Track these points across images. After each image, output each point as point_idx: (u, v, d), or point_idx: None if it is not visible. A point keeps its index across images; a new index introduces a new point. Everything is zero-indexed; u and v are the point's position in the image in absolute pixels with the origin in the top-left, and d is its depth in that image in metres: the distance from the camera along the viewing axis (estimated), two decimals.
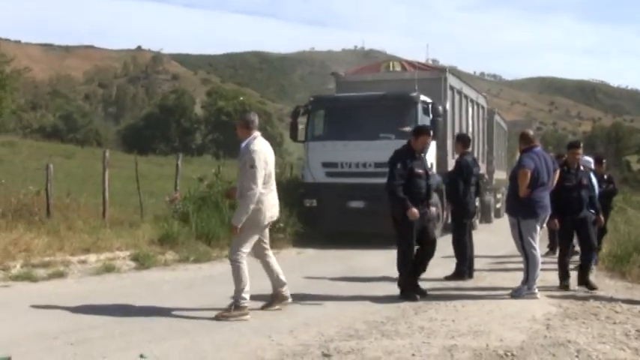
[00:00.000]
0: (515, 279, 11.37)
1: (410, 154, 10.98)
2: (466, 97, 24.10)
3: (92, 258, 13.15)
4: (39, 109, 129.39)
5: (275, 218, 9.56)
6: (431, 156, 18.07)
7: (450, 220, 14.01)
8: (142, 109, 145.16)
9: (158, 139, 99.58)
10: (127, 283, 11.75)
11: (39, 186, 16.38)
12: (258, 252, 9.57)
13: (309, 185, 19.22)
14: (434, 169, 18.39)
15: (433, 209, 11.69)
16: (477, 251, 13.27)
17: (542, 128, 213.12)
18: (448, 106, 20.95)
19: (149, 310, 9.41)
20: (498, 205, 30.57)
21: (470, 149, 14.17)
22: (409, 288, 10.75)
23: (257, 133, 9.28)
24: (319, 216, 18.68)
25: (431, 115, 18.46)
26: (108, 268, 12.68)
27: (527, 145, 11.15)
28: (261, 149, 9.12)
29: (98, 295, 10.57)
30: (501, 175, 30.95)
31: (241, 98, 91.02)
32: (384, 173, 17.23)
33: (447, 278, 12.52)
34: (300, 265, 14.16)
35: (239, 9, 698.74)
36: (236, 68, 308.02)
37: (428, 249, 11.05)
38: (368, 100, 19.31)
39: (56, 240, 13.44)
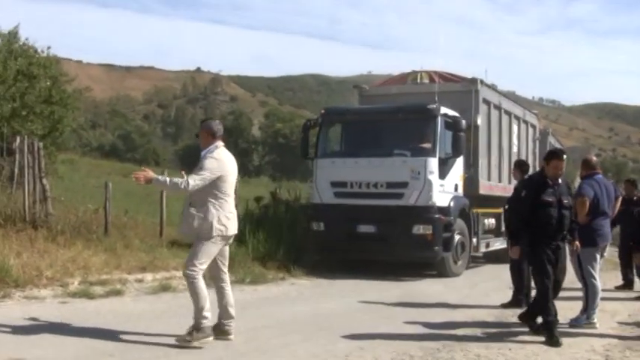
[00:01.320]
0: (574, 308, 11.16)
1: (541, 181, 9.70)
2: (508, 113, 21.67)
3: (149, 277, 13.24)
4: (98, 127, 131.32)
5: (229, 234, 8.67)
6: (455, 175, 17.31)
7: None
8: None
9: None
10: (183, 303, 11.72)
11: (97, 204, 16.60)
12: (215, 273, 8.84)
13: (317, 207, 17.55)
14: (459, 190, 17.57)
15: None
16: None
17: (601, 154, 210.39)
18: (480, 121, 18.68)
19: None
20: None
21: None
22: (554, 331, 9.37)
23: (220, 143, 8.80)
24: (326, 241, 16.99)
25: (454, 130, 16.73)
26: (164, 288, 12.73)
27: (588, 172, 10.99)
28: (222, 159, 8.65)
29: (154, 313, 10.62)
30: None
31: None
32: (397, 194, 16.44)
33: (504, 306, 12.35)
34: (357, 290, 14.08)
35: (298, 31, 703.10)
36: (294, 91, 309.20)
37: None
38: (382, 112, 17.80)
39: (113, 258, 13.55)
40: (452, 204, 16.92)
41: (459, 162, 17.38)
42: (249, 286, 13.94)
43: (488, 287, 15.34)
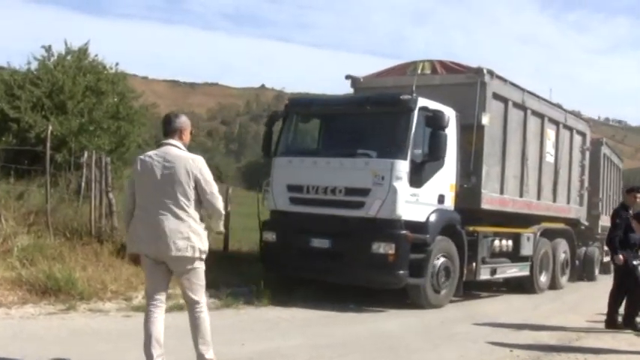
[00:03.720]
0: None
1: None
2: (539, 115, 18.32)
3: (211, 293, 13.31)
4: None
5: (147, 254, 7.25)
6: (439, 184, 14.44)
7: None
8: None
9: None
10: (244, 319, 11.86)
11: None
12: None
13: (271, 214, 15.21)
14: (446, 203, 14.62)
15: None
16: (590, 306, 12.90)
17: None
18: (487, 120, 15.39)
19: (265, 346, 9.47)
20: (607, 259, 21.14)
21: None
22: None
23: (164, 141, 7.18)
24: (277, 255, 14.68)
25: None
26: (226, 304, 12.79)
27: None
28: (136, 166, 7.23)
29: (215, 330, 10.63)
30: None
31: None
32: (356, 203, 13.85)
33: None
34: (416, 312, 13.96)
35: (364, 49, 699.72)
36: None
37: None
38: (348, 104, 15.71)
39: None
40: (431, 219, 14.21)
41: (449, 168, 14.61)
42: (311, 303, 13.94)
43: (550, 309, 15.16)
